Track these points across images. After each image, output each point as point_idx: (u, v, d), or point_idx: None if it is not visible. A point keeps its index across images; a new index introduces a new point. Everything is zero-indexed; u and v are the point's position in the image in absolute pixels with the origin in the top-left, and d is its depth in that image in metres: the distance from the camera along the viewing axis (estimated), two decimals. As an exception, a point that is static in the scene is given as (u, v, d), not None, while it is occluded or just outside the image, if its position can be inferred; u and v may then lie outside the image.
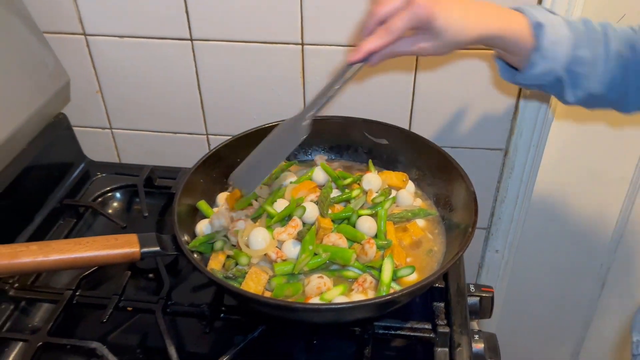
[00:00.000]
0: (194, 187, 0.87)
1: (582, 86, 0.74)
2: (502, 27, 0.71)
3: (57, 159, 1.09)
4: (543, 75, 0.74)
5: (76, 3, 1.01)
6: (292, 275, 0.75)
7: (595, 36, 0.74)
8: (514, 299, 1.35)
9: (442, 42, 0.70)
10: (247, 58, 1.03)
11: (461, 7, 0.70)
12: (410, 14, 0.67)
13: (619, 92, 0.75)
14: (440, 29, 0.68)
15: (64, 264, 0.70)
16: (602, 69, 0.73)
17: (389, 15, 0.69)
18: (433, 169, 0.90)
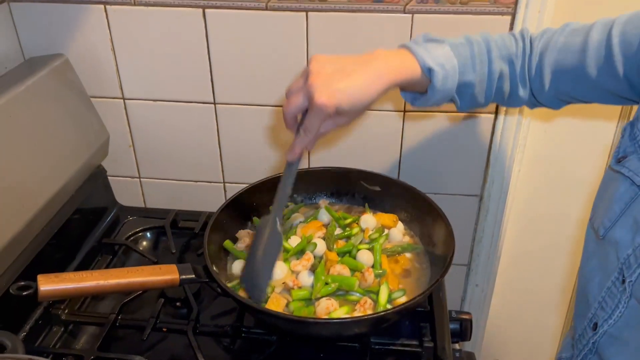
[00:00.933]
0: (219, 225, 1.04)
1: (469, 101, 0.87)
2: (395, 78, 0.78)
3: (95, 205, 1.26)
4: (437, 101, 0.84)
5: (118, 73, 1.20)
6: (309, 300, 0.91)
7: (481, 58, 0.83)
8: (493, 330, 1.51)
9: (352, 115, 0.79)
10: (260, 119, 1.22)
11: (356, 81, 0.76)
12: (317, 115, 0.75)
13: (498, 99, 0.89)
14: (349, 110, 0.77)
15: (120, 287, 0.85)
16: (487, 85, 0.85)
17: (298, 112, 0.78)
18: (418, 211, 1.08)
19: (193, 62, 1.17)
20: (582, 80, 0.80)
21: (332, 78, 0.75)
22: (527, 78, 0.86)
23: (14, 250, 0.97)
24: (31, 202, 1.00)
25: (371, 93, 0.77)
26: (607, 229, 0.76)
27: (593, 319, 0.79)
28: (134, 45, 1.16)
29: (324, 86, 0.74)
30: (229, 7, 1.10)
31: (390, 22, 1.08)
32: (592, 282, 0.80)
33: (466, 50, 0.83)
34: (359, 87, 0.76)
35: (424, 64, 0.79)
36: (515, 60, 0.85)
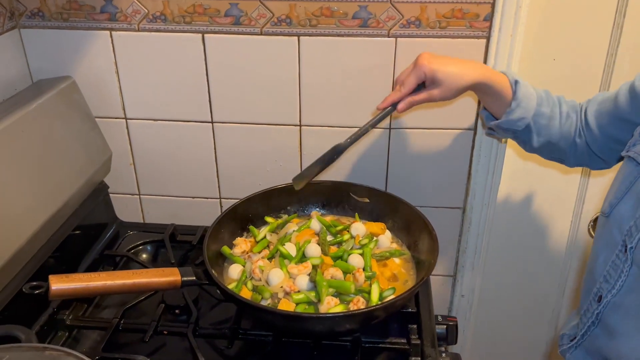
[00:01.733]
0: (218, 233, 1.10)
1: (544, 134, 1.00)
2: (489, 77, 0.97)
3: (96, 219, 1.32)
4: (517, 121, 0.98)
5: (121, 94, 1.28)
6: (312, 302, 0.98)
7: (552, 100, 1.01)
8: (479, 340, 1.56)
9: (445, 88, 0.96)
10: (256, 136, 1.30)
11: (456, 62, 0.96)
12: (417, 72, 0.96)
13: (568, 144, 1.01)
14: (441, 79, 0.95)
15: (125, 288, 0.91)
16: (558, 123, 1.00)
17: (405, 75, 0.99)
18: (404, 219, 1.15)
19: (192, 84, 1.25)
20: (619, 120, 0.93)
21: (438, 57, 0.97)
22: (581, 130, 1.00)
23: (19, 261, 1.02)
24: (37, 216, 1.05)
25: (464, 76, 0.95)
26: (613, 206, 0.85)
27: (598, 293, 0.86)
28: (137, 68, 1.24)
29: (430, 56, 0.96)
30: (227, 33, 1.19)
31: (376, 45, 1.17)
32: (598, 261, 0.87)
33: (539, 90, 1.01)
34: (456, 67, 0.95)
35: (512, 77, 0.98)
36: (576, 112, 1.01)
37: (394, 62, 1.18)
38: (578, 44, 1.21)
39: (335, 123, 1.26)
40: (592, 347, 0.89)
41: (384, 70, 1.19)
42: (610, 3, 1.16)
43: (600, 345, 0.86)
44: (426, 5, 1.12)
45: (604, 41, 1.20)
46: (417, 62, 0.97)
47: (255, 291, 1.01)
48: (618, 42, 1.19)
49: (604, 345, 0.86)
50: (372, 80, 1.20)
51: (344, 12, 1.14)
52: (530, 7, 1.14)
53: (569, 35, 1.20)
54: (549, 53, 1.23)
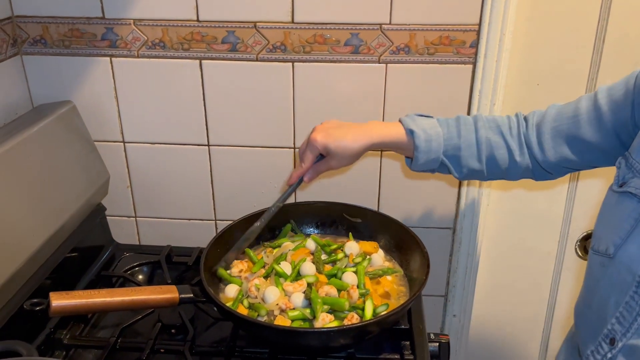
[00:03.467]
0: (214, 253, 1.12)
1: (462, 165, 1.00)
2: (381, 136, 1.00)
3: (93, 241, 1.33)
4: (427, 163, 1.00)
5: (120, 119, 1.31)
6: (307, 319, 0.99)
7: (467, 127, 0.99)
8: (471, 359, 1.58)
9: (339, 158, 1.01)
10: (251, 159, 1.33)
11: (347, 132, 1.00)
12: (310, 148, 1.02)
13: (495, 167, 1.00)
14: (333, 151, 1.00)
15: (125, 304, 0.93)
16: (476, 150, 0.99)
17: (304, 150, 1.04)
18: (396, 238, 1.18)
19: (189, 108, 1.29)
20: (579, 142, 0.93)
21: (330, 128, 1.02)
22: (524, 147, 0.98)
23: (17, 282, 1.03)
24: (35, 237, 1.07)
25: (354, 145, 1.00)
26: (618, 246, 0.81)
27: (609, 335, 0.83)
28: (135, 93, 1.28)
29: (321, 129, 1.02)
30: (223, 59, 1.23)
31: (367, 71, 1.22)
32: (608, 303, 0.83)
33: (452, 122, 1.01)
34: (347, 137, 1.00)
35: (407, 127, 0.99)
36: (505, 131, 0.99)
37: (385, 86, 1.23)
38: (560, 70, 1.27)
39: (328, 146, 1.30)
40: None
41: (375, 94, 1.24)
42: (590, 30, 1.23)
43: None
44: (415, 33, 1.18)
45: (584, 66, 1.26)
46: (309, 138, 1.02)
47: (251, 309, 1.03)
48: (598, 67, 1.25)
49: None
50: (364, 103, 1.25)
51: (336, 40, 1.20)
52: (513, 34, 1.19)
53: (551, 61, 1.26)
54: (532, 78, 1.28)
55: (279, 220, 1.25)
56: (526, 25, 1.23)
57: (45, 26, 1.23)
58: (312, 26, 1.19)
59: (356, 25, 1.18)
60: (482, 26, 1.17)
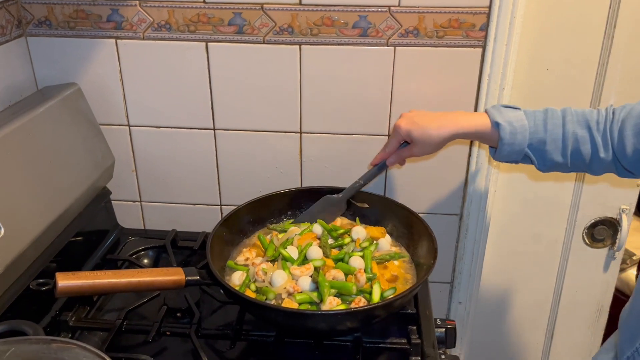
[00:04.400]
0: (220, 236, 1.12)
1: (546, 158, 0.99)
2: (465, 127, 1.00)
3: (98, 225, 1.33)
4: (511, 154, 0.99)
5: (125, 102, 1.30)
6: (314, 302, 0.99)
7: (554, 121, 0.97)
8: (477, 346, 1.57)
9: (422, 146, 1.04)
10: (257, 143, 1.32)
11: (432, 120, 1.03)
12: (395, 135, 1.07)
13: (579, 161, 0.98)
14: (416, 139, 1.03)
15: (131, 286, 0.92)
16: (562, 145, 0.97)
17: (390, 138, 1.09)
18: (404, 223, 1.17)
19: (195, 91, 1.27)
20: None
21: (416, 116, 1.06)
22: (609, 143, 0.95)
23: (21, 264, 1.03)
24: (40, 219, 1.06)
25: (440, 133, 1.02)
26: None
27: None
28: (141, 76, 1.27)
29: (407, 117, 1.06)
30: (230, 41, 1.22)
31: (375, 54, 1.20)
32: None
33: (540, 114, 1.00)
34: (431, 126, 1.02)
35: (493, 119, 0.99)
36: (593, 126, 0.96)
37: (393, 69, 1.21)
38: (570, 54, 1.25)
39: (335, 130, 1.29)
40: None
41: (383, 78, 1.23)
42: (601, 15, 1.21)
43: None
44: (424, 16, 1.16)
45: (595, 51, 1.24)
46: (395, 125, 1.06)
47: (258, 292, 1.03)
48: (609, 52, 1.23)
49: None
50: (372, 87, 1.24)
51: (344, 22, 1.18)
52: (524, 18, 1.18)
53: (562, 46, 1.24)
54: (542, 63, 1.26)
55: (286, 205, 1.24)
56: (537, 9, 1.21)
57: (50, 7, 1.22)
58: (320, 8, 1.17)
59: (364, 7, 1.16)
60: (493, 9, 1.15)
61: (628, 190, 1.38)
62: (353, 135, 1.29)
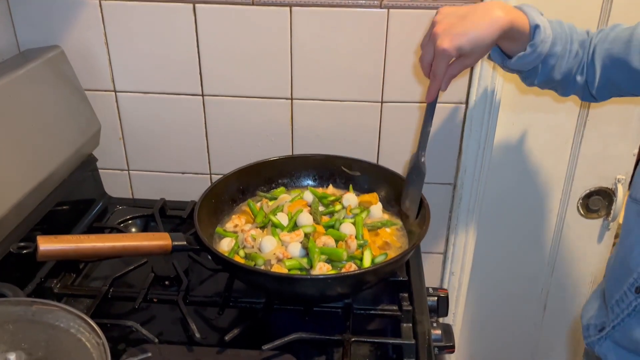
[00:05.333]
0: (208, 202, 1.09)
1: (548, 74, 0.95)
2: (508, 25, 0.87)
3: (84, 193, 1.30)
4: (529, 63, 0.92)
5: (111, 66, 1.26)
6: (304, 269, 0.97)
7: (565, 37, 0.94)
8: (469, 317, 1.57)
9: (476, 56, 0.89)
10: (247, 110, 1.29)
11: (476, 23, 0.86)
12: (442, 58, 0.87)
13: (568, 80, 0.97)
14: (471, 50, 0.87)
15: (115, 251, 0.89)
16: (566, 62, 0.94)
17: (431, 60, 0.90)
18: (396, 190, 1.15)
19: (183, 56, 1.24)
20: (627, 69, 0.89)
21: (454, 25, 0.87)
22: (584, 66, 0.96)
23: (3, 230, 0.99)
24: (22, 184, 1.03)
25: (489, 35, 0.86)
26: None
27: (635, 284, 0.83)
28: (126, 39, 1.23)
29: (445, 32, 0.86)
30: (218, 3, 1.18)
31: (368, 17, 1.17)
32: (634, 252, 0.84)
33: (556, 26, 0.94)
34: (478, 30, 0.86)
35: (533, 20, 0.89)
36: (585, 47, 0.95)
37: (386, 33, 1.18)
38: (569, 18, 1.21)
39: (326, 96, 1.26)
40: (624, 337, 0.86)
41: (376, 42, 1.19)
42: None
43: (638, 335, 0.84)
44: (419, -24, 1.13)
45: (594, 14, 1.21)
46: (437, 46, 0.87)
47: (247, 258, 1.00)
48: (608, 15, 1.20)
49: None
50: (365, 52, 1.20)
51: (336, -17, 1.14)
52: (521, -21, 1.14)
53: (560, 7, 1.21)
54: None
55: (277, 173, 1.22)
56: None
57: (31, -34, 1.17)
58: (312, -32, 1.13)
59: (357, -33, 1.13)
60: (490, -30, 1.11)
61: (624, 160, 1.36)
62: (345, 102, 1.26)
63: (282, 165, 1.22)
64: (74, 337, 0.68)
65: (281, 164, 1.22)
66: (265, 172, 1.21)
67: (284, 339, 0.90)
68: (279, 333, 0.91)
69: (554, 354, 1.63)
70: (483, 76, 1.21)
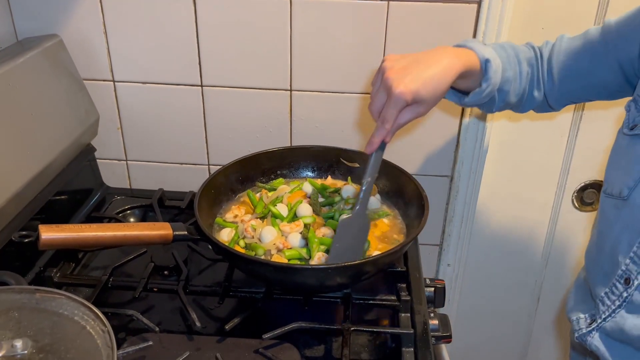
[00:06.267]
0: (208, 193, 1.09)
1: (505, 100, 0.96)
2: (462, 68, 0.86)
3: (82, 183, 1.30)
4: (486, 96, 0.91)
5: (109, 56, 1.26)
6: (304, 259, 0.98)
7: (513, 60, 0.94)
8: (464, 308, 1.58)
9: (430, 103, 0.85)
10: (245, 101, 1.29)
11: (431, 70, 0.83)
12: (396, 103, 0.81)
13: (523, 99, 0.99)
14: (427, 98, 0.83)
15: (117, 240, 0.90)
16: (518, 84, 0.96)
17: (381, 107, 0.84)
18: (394, 181, 1.16)
19: (182, 45, 1.24)
20: (584, 76, 0.92)
21: (407, 69, 0.82)
22: (541, 82, 0.97)
23: (1, 220, 0.99)
24: (20, 174, 1.03)
25: (446, 80, 0.84)
26: (632, 189, 0.82)
27: (624, 275, 0.84)
28: (125, 29, 1.23)
29: (399, 77, 0.81)
30: (218, -7, 1.18)
31: (368, 8, 1.17)
32: (621, 244, 0.84)
33: (502, 51, 0.94)
34: (434, 75, 0.82)
35: (482, 56, 0.88)
36: (534, 64, 0.97)
37: (386, 26, 1.18)
38: (566, 13, 1.23)
39: (325, 88, 1.26)
40: (615, 329, 0.87)
41: (376, 34, 1.20)
42: (598, -28, 1.18)
43: (630, 326, 0.84)
44: (419, -31, 1.13)
45: (592, 9, 1.22)
46: (390, 91, 0.82)
47: (248, 248, 1.01)
48: (605, 11, 1.21)
49: (635, 324, 0.83)
50: (364, 44, 1.21)
51: (336, -26, 1.14)
52: (521, -27, 1.15)
53: (558, 3, 1.22)
54: (537, 21, 1.24)
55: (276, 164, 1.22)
56: (534, -35, 1.18)
57: (29, -46, 1.17)
58: (312, -41, 1.13)
59: (358, -41, 1.13)
60: (489, -37, 1.12)
61: (619, 153, 1.38)
62: (344, 94, 1.27)
63: (281, 156, 1.22)
64: (78, 324, 0.69)
65: (280, 155, 1.22)
66: (265, 163, 1.21)
67: (283, 328, 0.91)
68: (278, 322, 0.92)
69: (546, 344, 1.65)
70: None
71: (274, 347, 0.91)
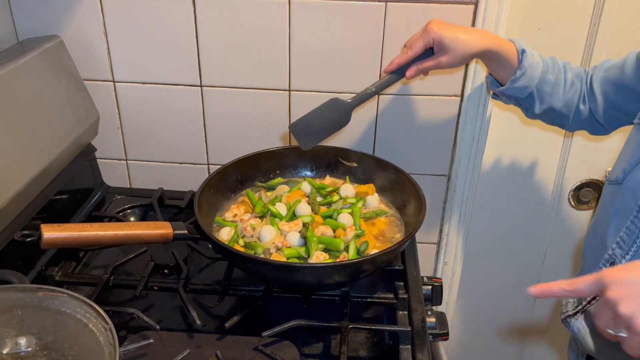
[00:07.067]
0: (208, 192, 1.10)
1: (547, 101, 1.03)
2: (497, 45, 0.99)
3: (83, 183, 1.31)
4: (521, 89, 1.01)
5: (109, 56, 1.27)
6: (302, 257, 0.99)
7: (558, 67, 1.03)
8: (462, 306, 1.60)
9: (452, 55, 0.97)
10: (245, 101, 1.30)
11: (464, 30, 0.99)
12: (425, 37, 0.98)
13: (571, 110, 1.04)
14: (449, 46, 0.96)
15: (118, 239, 0.91)
16: (562, 90, 1.03)
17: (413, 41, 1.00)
18: (392, 181, 1.17)
19: (181, 46, 1.24)
20: (624, 90, 0.97)
21: (448, 24, 0.98)
22: (586, 96, 1.03)
23: (3, 220, 1.00)
24: (21, 174, 1.04)
25: (472, 44, 0.97)
26: (627, 172, 0.86)
27: (610, 259, 0.87)
28: (125, 30, 1.24)
29: (439, 22, 0.97)
30: (217, -6, 1.19)
31: (366, 10, 1.18)
32: (609, 228, 0.88)
33: (546, 57, 1.03)
34: (465, 35, 0.97)
35: (519, 46, 0.99)
36: (583, 78, 1.04)
37: (384, 26, 1.19)
38: (562, 14, 1.24)
39: (323, 88, 1.27)
40: None
41: (374, 35, 1.21)
42: (594, -26, 1.19)
43: None
44: (416, -30, 1.14)
45: (587, 9, 1.23)
46: (426, 28, 0.98)
47: (247, 247, 1.02)
48: (601, 11, 1.22)
49: None
50: (362, 44, 1.22)
51: (334, -25, 1.15)
52: (517, -26, 1.16)
53: (553, 5, 1.23)
54: (534, 22, 1.25)
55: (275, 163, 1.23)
56: (530, -34, 1.19)
57: (29, -45, 1.18)
58: (310, -40, 1.14)
59: (356, -40, 1.14)
60: (486, -36, 1.13)
61: (614, 153, 1.39)
62: (342, 94, 1.27)
63: (280, 156, 1.23)
64: (80, 322, 0.70)
65: (279, 154, 1.23)
66: (263, 162, 1.22)
67: (282, 326, 0.92)
68: (277, 320, 0.93)
69: (543, 342, 1.66)
70: (478, 69, 1.22)
71: (273, 344, 0.92)
